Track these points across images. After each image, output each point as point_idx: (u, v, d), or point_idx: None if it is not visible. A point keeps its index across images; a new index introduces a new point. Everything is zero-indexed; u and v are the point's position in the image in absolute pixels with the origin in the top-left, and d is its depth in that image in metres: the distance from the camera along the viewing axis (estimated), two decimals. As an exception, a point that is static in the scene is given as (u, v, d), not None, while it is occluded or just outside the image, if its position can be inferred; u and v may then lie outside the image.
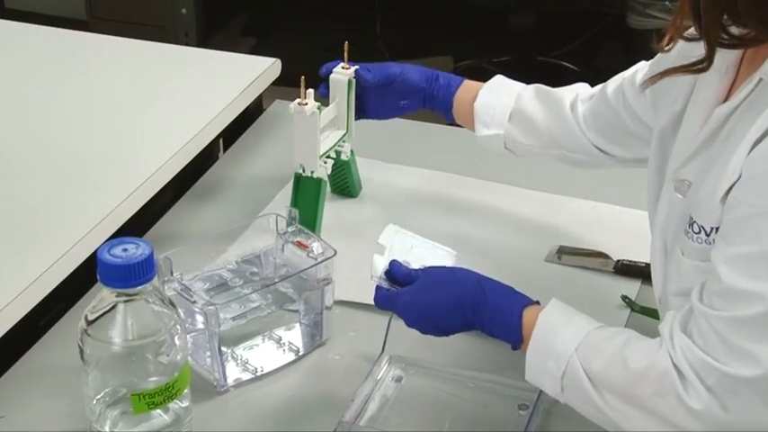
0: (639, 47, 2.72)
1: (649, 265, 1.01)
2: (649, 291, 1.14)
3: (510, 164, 1.44)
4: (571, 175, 1.41)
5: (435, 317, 0.98)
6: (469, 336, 1.08)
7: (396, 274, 1.01)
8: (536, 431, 1.00)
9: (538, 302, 0.95)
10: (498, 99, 1.23)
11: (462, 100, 1.24)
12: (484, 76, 1.27)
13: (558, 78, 3.26)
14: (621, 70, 1.21)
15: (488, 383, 1.05)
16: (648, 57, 1.08)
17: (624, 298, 1.16)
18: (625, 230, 1.29)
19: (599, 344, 0.89)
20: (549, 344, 0.90)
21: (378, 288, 1.02)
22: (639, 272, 1.19)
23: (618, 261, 1.22)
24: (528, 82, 1.29)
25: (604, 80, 1.23)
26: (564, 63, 3.01)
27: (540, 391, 1.00)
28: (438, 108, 1.27)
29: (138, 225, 1.24)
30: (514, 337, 0.94)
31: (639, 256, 1.19)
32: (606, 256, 1.23)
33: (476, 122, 1.23)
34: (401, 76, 1.26)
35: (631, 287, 1.19)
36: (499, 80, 1.26)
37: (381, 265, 1.02)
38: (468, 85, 1.25)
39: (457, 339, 1.08)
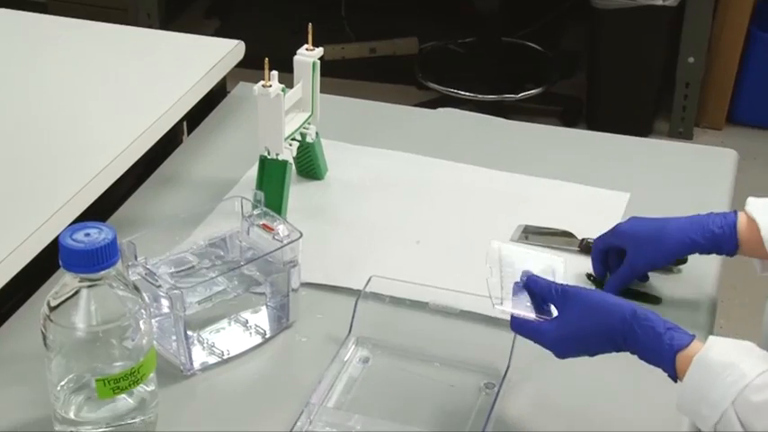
0: (603, 27, 2.75)
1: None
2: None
3: (475, 144, 1.45)
4: (536, 155, 1.42)
5: (586, 348, 0.95)
6: (435, 317, 1.09)
7: (533, 287, 0.98)
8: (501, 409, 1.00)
9: (693, 337, 0.90)
10: None
11: (744, 237, 1.09)
12: (449, 57, 1.27)
13: (523, 59, 3.28)
14: (585, 51, 1.21)
15: (454, 363, 1.05)
16: (612, 36, 1.08)
17: (589, 276, 1.17)
18: (589, 209, 1.30)
19: (762, 404, 0.84)
20: (704, 393, 0.86)
21: (513, 317, 0.97)
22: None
23: (582, 240, 1.23)
24: (493, 63, 1.29)
25: (569, 61, 1.23)
26: (528, 44, 3.02)
27: (506, 371, 1.01)
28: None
29: (101, 210, 1.23)
30: (672, 376, 0.90)
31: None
32: (571, 235, 1.24)
33: None
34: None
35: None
36: (760, 204, 1.09)
37: (498, 287, 0.99)
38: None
39: (424, 321, 1.09)
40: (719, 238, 1.09)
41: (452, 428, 0.97)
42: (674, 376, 0.90)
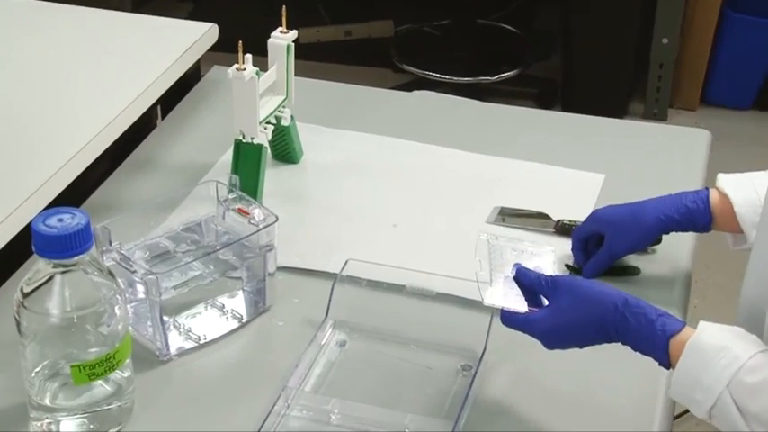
0: (577, 8, 2.75)
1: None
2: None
3: (451, 127, 1.45)
4: (511, 137, 1.42)
5: (577, 339, 0.94)
6: (412, 299, 1.09)
7: (523, 279, 0.97)
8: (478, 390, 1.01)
9: (684, 324, 0.90)
10: (756, 194, 1.08)
11: (717, 212, 1.10)
12: (424, 40, 1.26)
13: (498, 41, 3.26)
14: (559, 31, 1.20)
15: (432, 345, 1.05)
16: (586, 18, 1.08)
17: (567, 266, 1.17)
18: (564, 191, 1.31)
19: (757, 384, 0.84)
20: (697, 377, 0.86)
21: (503, 310, 0.97)
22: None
23: (558, 221, 1.23)
24: (468, 45, 1.29)
25: (544, 43, 1.23)
26: (504, 26, 3.02)
27: (483, 353, 1.02)
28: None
29: (74, 195, 1.22)
30: (662, 363, 0.90)
31: (578, 215, 1.20)
32: (546, 217, 1.24)
33: (747, 229, 1.08)
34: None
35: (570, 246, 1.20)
36: (730, 179, 1.12)
37: (487, 281, 0.98)
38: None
39: (400, 304, 1.09)
40: (694, 212, 1.10)
41: (430, 411, 0.97)
42: (667, 363, 0.89)
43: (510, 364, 1.04)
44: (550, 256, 1.03)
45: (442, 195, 1.30)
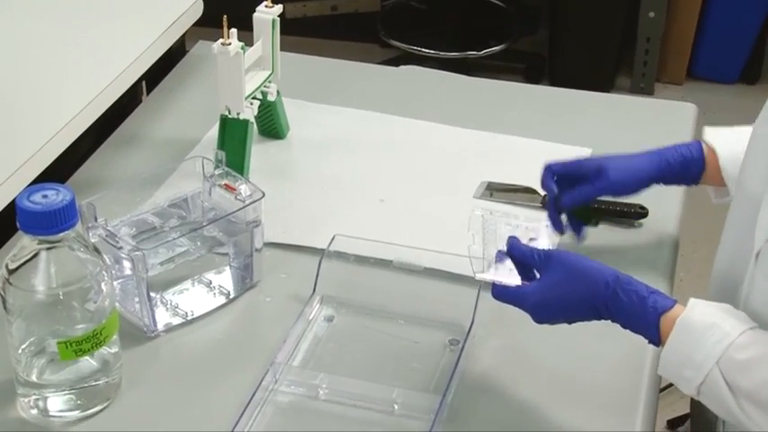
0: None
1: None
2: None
3: (438, 102, 1.44)
4: (498, 112, 1.42)
5: (567, 314, 0.93)
6: (399, 274, 1.09)
7: (515, 253, 0.96)
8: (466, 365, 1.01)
9: (675, 301, 0.89)
10: (741, 146, 1.05)
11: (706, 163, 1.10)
12: (411, 14, 1.26)
13: (485, 15, 3.25)
14: (546, 6, 1.20)
15: (419, 320, 1.06)
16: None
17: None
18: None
19: (747, 361, 0.84)
20: (687, 354, 0.86)
21: (494, 284, 0.96)
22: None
23: (545, 195, 1.23)
24: (455, 19, 1.28)
25: (531, 17, 1.22)
26: (490, 0, 3.01)
27: (470, 328, 1.02)
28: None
29: (60, 171, 1.21)
30: (652, 341, 0.90)
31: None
32: (534, 191, 1.24)
33: (730, 184, 1.09)
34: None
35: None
36: (717, 133, 1.12)
37: (479, 255, 0.97)
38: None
39: (388, 279, 1.09)
40: (689, 160, 1.10)
41: (417, 385, 0.98)
42: (657, 340, 0.89)
43: (497, 339, 1.04)
44: (545, 231, 1.03)
45: (429, 170, 1.30)
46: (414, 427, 0.93)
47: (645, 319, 0.89)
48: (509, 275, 0.97)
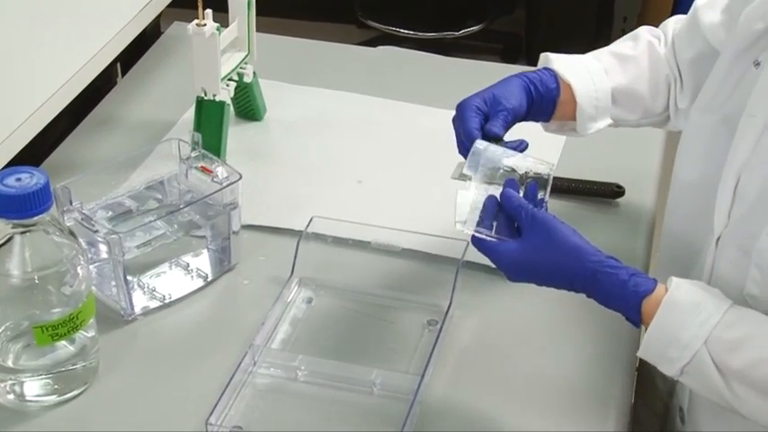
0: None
1: (550, 176, 0.99)
2: (552, 200, 1.16)
3: (416, 82, 1.44)
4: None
5: (541, 279, 0.91)
6: (378, 256, 1.09)
7: (506, 204, 0.92)
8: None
9: (656, 282, 0.88)
10: (594, 86, 1.07)
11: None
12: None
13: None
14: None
15: (398, 301, 1.06)
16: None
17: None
18: (531, 145, 1.29)
19: (735, 340, 0.83)
20: (673, 335, 0.85)
21: (474, 233, 0.92)
22: (543, 184, 1.21)
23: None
24: (431, 1, 1.27)
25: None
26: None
27: (448, 308, 1.02)
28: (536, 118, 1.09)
29: (34, 154, 1.20)
30: (633, 323, 0.88)
31: (543, 169, 1.20)
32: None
33: (582, 121, 1.08)
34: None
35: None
36: (572, 63, 1.09)
37: (467, 204, 0.92)
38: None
39: (366, 260, 1.09)
40: (546, 80, 1.06)
41: (397, 366, 0.98)
42: (638, 322, 0.88)
43: (476, 319, 1.05)
44: (547, 170, 0.97)
45: (406, 151, 1.30)
46: (393, 407, 0.93)
47: (626, 302, 0.88)
48: (490, 229, 0.92)
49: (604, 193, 1.21)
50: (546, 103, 1.06)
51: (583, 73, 1.08)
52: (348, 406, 0.94)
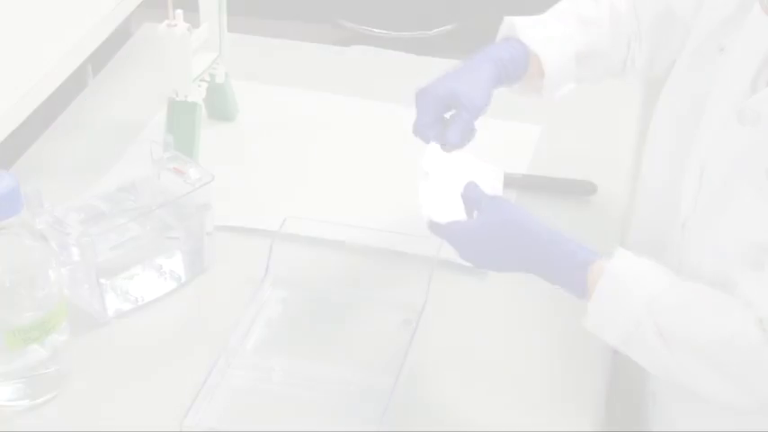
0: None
1: (527, 176, 1.00)
2: (524, 198, 1.16)
3: (389, 82, 1.44)
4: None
5: (494, 261, 0.93)
6: (352, 255, 1.09)
7: (468, 195, 0.94)
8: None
9: (600, 255, 0.89)
10: (562, 56, 1.06)
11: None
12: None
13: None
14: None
15: (373, 300, 1.06)
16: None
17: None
18: (501, 143, 1.30)
19: (678, 306, 0.84)
20: (616, 303, 0.85)
21: (431, 222, 0.94)
22: (518, 182, 1.21)
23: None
24: (405, 0, 1.26)
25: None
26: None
27: (423, 307, 1.02)
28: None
29: (3, 157, 1.19)
30: (580, 293, 0.89)
31: (516, 167, 1.21)
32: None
33: (550, 89, 1.09)
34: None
35: (509, 197, 1.20)
36: (539, 31, 1.07)
37: (430, 197, 0.94)
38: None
39: (340, 260, 1.09)
40: (516, 58, 1.05)
41: (372, 365, 0.98)
42: (582, 292, 0.88)
43: (451, 316, 1.05)
44: (499, 179, 1.00)
45: (380, 150, 1.30)
46: (368, 407, 0.93)
47: (571, 272, 0.88)
48: (454, 213, 0.94)
49: (577, 191, 1.22)
50: (513, 79, 1.06)
51: (550, 44, 1.06)
52: (323, 406, 0.94)
